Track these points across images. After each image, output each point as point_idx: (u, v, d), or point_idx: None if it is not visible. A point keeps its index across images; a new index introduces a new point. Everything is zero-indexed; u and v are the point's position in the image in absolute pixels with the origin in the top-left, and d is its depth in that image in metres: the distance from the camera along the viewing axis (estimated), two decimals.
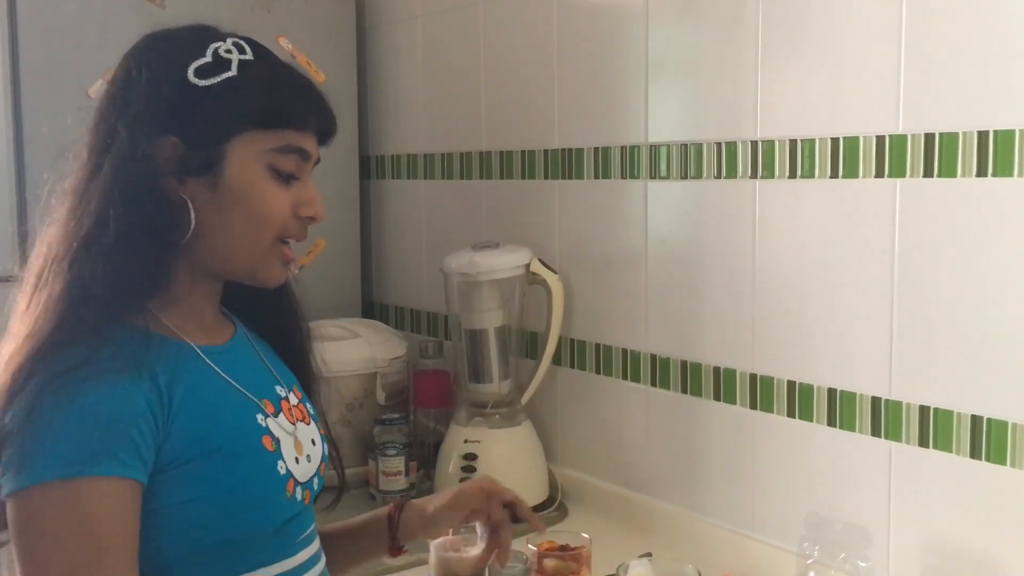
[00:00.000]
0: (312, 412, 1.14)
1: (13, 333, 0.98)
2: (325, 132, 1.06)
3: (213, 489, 0.96)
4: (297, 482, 1.04)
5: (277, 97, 1.02)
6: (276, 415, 1.05)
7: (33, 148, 2.00)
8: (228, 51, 1.00)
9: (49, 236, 1.00)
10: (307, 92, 1.04)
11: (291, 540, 1.05)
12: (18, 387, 0.91)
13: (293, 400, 1.10)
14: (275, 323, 1.16)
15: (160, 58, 1.01)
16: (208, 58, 0.99)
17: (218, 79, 0.99)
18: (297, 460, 1.05)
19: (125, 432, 0.91)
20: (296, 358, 1.17)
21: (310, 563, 1.07)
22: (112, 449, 0.90)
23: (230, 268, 1.04)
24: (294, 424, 1.07)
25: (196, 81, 0.98)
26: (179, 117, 0.98)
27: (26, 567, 0.90)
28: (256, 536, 1.01)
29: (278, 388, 1.09)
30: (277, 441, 1.03)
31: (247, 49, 1.02)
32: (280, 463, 1.02)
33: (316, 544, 1.10)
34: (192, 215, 0.98)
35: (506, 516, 1.24)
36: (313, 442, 1.09)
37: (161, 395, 0.94)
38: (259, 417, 1.02)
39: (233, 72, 0.99)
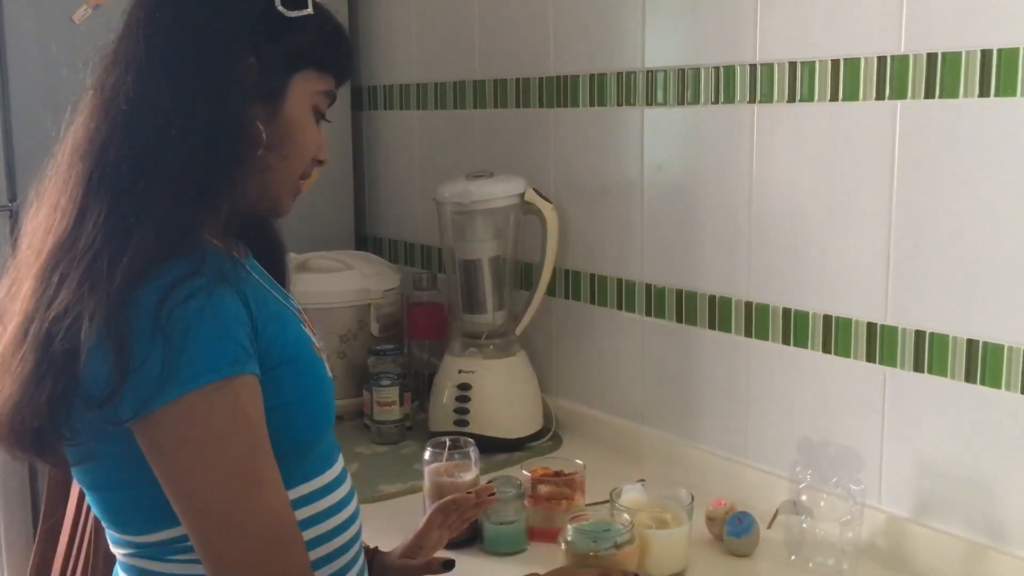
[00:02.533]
0: None
1: (60, 248, 0.94)
2: (343, 84, 1.11)
3: (291, 395, 0.99)
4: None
5: (337, 45, 1.07)
6: (304, 325, 1.08)
7: (18, 76, 1.97)
8: None
9: (89, 144, 0.96)
10: (350, 46, 1.11)
11: (332, 447, 1.09)
12: (129, 309, 0.89)
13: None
14: (263, 249, 1.16)
15: None
16: None
17: (298, 13, 1.02)
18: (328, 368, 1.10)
19: (247, 334, 0.94)
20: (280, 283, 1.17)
21: (345, 473, 1.10)
22: (247, 348, 0.93)
23: (256, 195, 1.04)
24: (314, 335, 1.10)
25: (282, 10, 1.01)
26: (260, 41, 1.00)
27: (192, 475, 0.91)
28: (317, 441, 1.04)
29: (293, 302, 1.12)
30: (319, 349, 1.07)
31: None
32: (326, 369, 1.06)
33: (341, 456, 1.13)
34: (264, 138, 1.00)
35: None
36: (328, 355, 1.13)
37: (245, 305, 0.95)
38: (302, 327, 1.06)
39: (309, 10, 1.03)
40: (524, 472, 1.45)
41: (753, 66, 1.49)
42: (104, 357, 0.88)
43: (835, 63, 1.38)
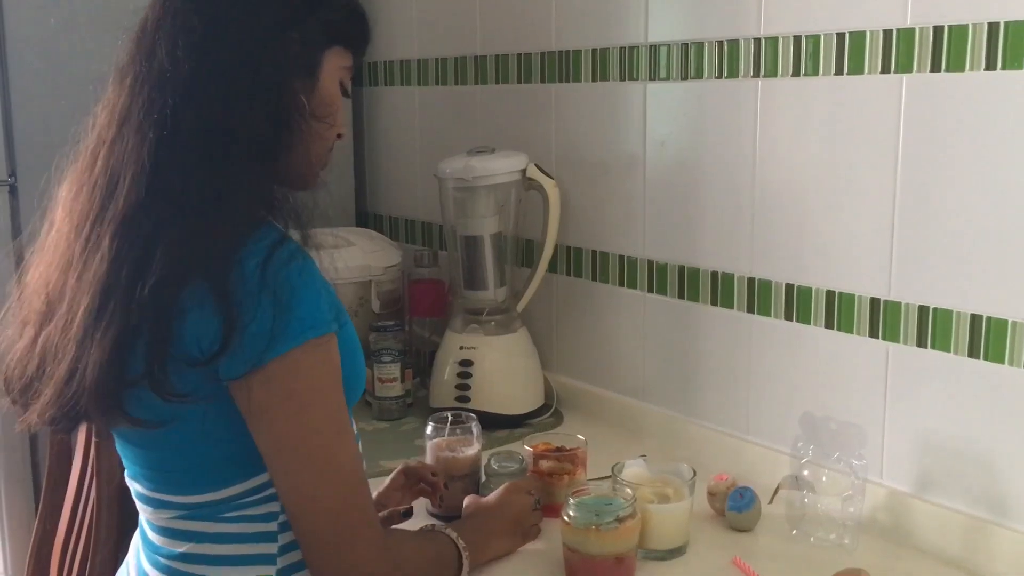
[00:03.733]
0: None
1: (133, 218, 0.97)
2: (361, 60, 1.17)
3: (345, 354, 1.03)
4: None
5: (362, 22, 1.13)
6: None
7: (16, 51, 1.95)
8: None
9: (152, 114, 0.98)
10: (369, 24, 1.16)
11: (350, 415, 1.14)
12: (233, 270, 0.94)
13: None
14: None
15: None
16: None
17: None
18: None
19: (331, 295, 1.02)
20: None
21: (358, 436, 1.13)
22: (333, 308, 1.01)
23: (299, 166, 1.08)
24: None
25: None
26: (300, 17, 1.04)
27: (297, 424, 0.98)
28: (353, 400, 1.10)
29: None
30: None
31: None
32: None
33: None
34: (308, 109, 1.04)
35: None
36: None
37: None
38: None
39: None
40: (526, 447, 1.45)
41: (757, 40, 1.48)
42: (210, 317, 0.93)
43: (840, 36, 1.37)
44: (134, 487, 1.10)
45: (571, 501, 1.22)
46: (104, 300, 0.95)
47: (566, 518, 1.21)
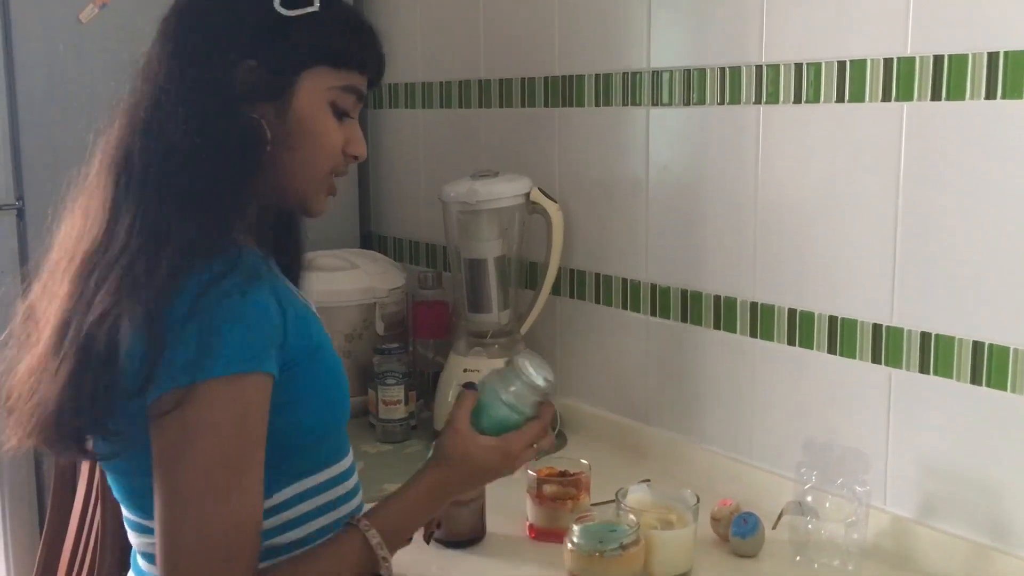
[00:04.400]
0: None
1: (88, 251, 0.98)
2: (377, 77, 1.11)
3: (313, 389, 1.02)
4: None
5: (351, 39, 1.06)
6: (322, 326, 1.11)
7: (24, 75, 1.97)
8: None
9: (117, 152, 1.00)
10: (373, 39, 1.09)
11: (344, 441, 1.13)
12: (167, 305, 0.93)
13: None
14: (283, 248, 1.18)
15: None
16: None
17: (301, 11, 1.02)
18: None
19: (275, 333, 0.97)
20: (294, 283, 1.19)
21: (353, 468, 1.14)
22: (268, 348, 0.96)
23: (284, 196, 1.07)
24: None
25: (281, 10, 1.01)
26: (260, 42, 1.01)
27: (179, 460, 0.93)
28: (330, 435, 1.08)
29: (311, 304, 1.14)
30: (337, 350, 1.10)
31: None
32: (343, 368, 1.10)
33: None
34: (268, 134, 1.01)
35: None
36: None
37: (278, 302, 0.99)
38: (322, 327, 1.09)
39: (315, 7, 1.03)
40: (530, 472, 1.46)
41: (759, 67, 1.49)
42: (141, 350, 0.92)
43: (841, 64, 1.38)
44: (123, 511, 1.11)
45: (575, 528, 1.22)
46: (60, 336, 0.97)
47: (570, 545, 1.21)
